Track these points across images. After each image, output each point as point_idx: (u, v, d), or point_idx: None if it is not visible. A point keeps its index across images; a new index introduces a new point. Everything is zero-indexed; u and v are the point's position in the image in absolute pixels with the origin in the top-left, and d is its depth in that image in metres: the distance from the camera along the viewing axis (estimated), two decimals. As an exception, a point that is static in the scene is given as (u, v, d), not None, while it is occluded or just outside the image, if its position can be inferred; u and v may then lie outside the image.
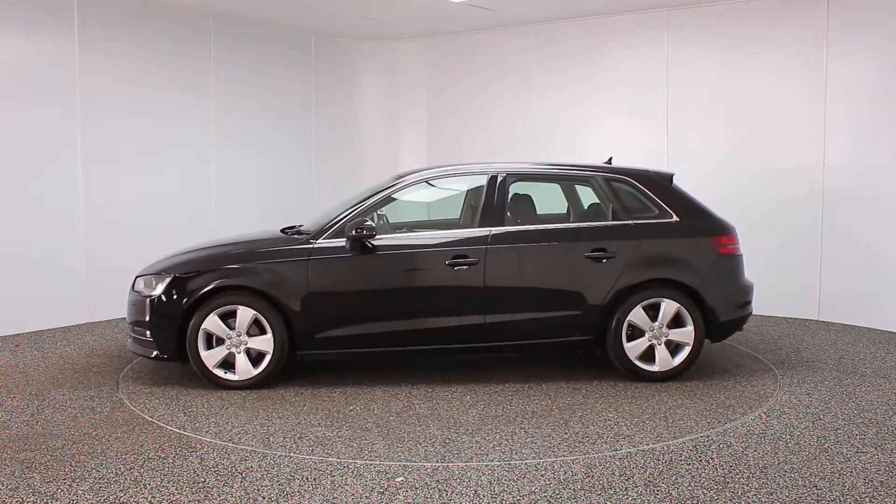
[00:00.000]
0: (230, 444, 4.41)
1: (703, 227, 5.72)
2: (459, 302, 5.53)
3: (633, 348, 5.57)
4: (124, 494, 3.74)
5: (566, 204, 6.31)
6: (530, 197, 6.10)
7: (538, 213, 6.12)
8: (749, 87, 8.00)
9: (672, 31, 8.41)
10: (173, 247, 6.88)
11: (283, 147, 9.63)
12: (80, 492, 3.77)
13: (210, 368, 5.44)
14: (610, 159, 6.28)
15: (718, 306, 5.62)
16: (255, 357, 5.47)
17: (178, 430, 4.65)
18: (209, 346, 5.45)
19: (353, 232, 5.40)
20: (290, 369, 5.85)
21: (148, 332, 5.51)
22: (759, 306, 5.99)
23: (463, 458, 4.21)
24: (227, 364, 5.48)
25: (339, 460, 4.18)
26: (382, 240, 5.55)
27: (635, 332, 5.59)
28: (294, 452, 4.29)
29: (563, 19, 9.01)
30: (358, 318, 5.49)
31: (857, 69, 7.44)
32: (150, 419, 4.85)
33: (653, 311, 5.57)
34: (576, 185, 6.22)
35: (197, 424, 4.76)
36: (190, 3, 8.22)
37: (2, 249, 7.14)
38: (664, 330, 5.57)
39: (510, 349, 5.74)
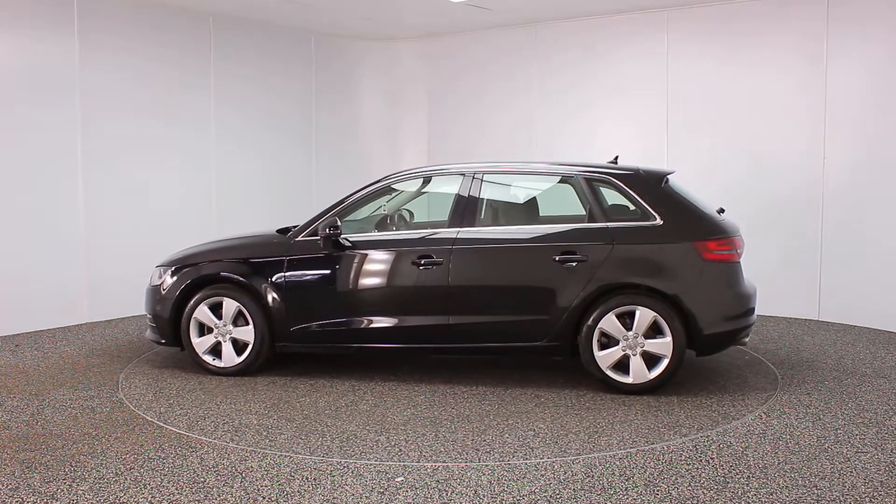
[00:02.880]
0: (230, 444, 4.41)
1: (687, 230, 5.33)
2: (425, 302, 5.54)
3: (605, 357, 5.28)
4: (124, 494, 3.74)
5: (557, 205, 6.17)
6: (527, 197, 5.99)
7: (529, 214, 5.96)
8: (749, 87, 8.00)
9: (672, 31, 8.41)
10: (173, 247, 6.91)
11: (284, 146, 9.63)
12: (80, 492, 3.77)
13: (200, 354, 5.85)
14: (616, 158, 6.13)
15: (702, 317, 5.22)
16: (242, 346, 5.80)
17: (178, 430, 4.65)
18: (201, 335, 5.85)
19: (327, 231, 5.62)
20: (295, 360, 6.02)
21: (155, 320, 6.00)
22: (759, 306, 5.85)
23: (346, 455, 4.26)
24: (216, 352, 5.86)
25: (339, 460, 4.18)
26: (356, 238, 5.71)
27: (611, 341, 5.31)
28: (216, 439, 4.32)
29: (563, 19, 9.01)
30: (328, 313, 5.67)
31: (856, 68, 7.44)
32: (150, 419, 4.86)
33: (629, 320, 5.26)
34: (557, 185, 6.01)
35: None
36: (190, 3, 8.22)
37: (2, 250, 7.14)
38: (640, 340, 5.24)
39: (476, 352, 5.61)
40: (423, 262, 5.50)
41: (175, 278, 5.89)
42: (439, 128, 10.21)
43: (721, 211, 5.75)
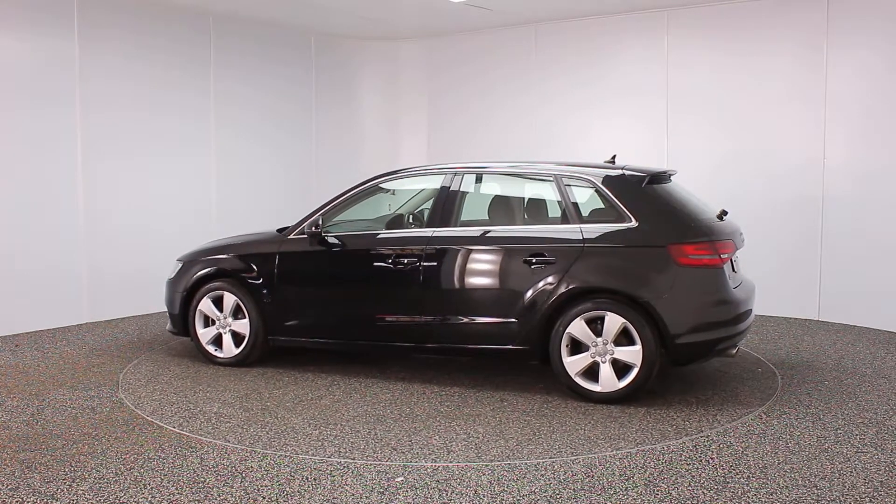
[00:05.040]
0: (230, 444, 4.42)
1: (661, 233, 5.07)
2: (400, 301, 5.60)
3: (573, 364, 5.11)
4: (124, 494, 3.74)
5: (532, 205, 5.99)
6: (504, 198, 5.86)
7: (514, 215, 5.83)
8: (749, 87, 8.00)
9: (672, 31, 8.41)
10: (173, 247, 6.93)
11: (284, 147, 9.63)
12: (80, 492, 3.77)
13: (204, 345, 6.18)
14: (613, 157, 5.99)
15: (675, 325, 4.94)
16: (241, 338, 6.07)
17: (178, 430, 4.65)
18: (206, 326, 6.20)
19: (312, 229, 5.85)
20: (297, 354, 6.22)
21: (170, 312, 6.41)
22: (759, 306, 5.83)
23: (269, 446, 4.40)
24: (220, 343, 6.17)
25: (339, 460, 4.18)
26: (342, 237, 5.85)
27: (582, 347, 5.13)
28: (185, 430, 4.34)
29: (563, 19, 9.01)
30: (312, 309, 5.91)
31: (856, 69, 7.44)
32: (150, 419, 4.86)
33: (601, 325, 5.05)
34: (538, 186, 5.87)
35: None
36: (190, 3, 8.21)
37: (2, 249, 7.13)
38: (609, 347, 5.03)
39: (449, 352, 5.62)
40: (400, 261, 5.55)
41: (184, 272, 6.25)
42: (439, 127, 10.21)
43: (723, 214, 5.57)
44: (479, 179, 5.88)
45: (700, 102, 8.28)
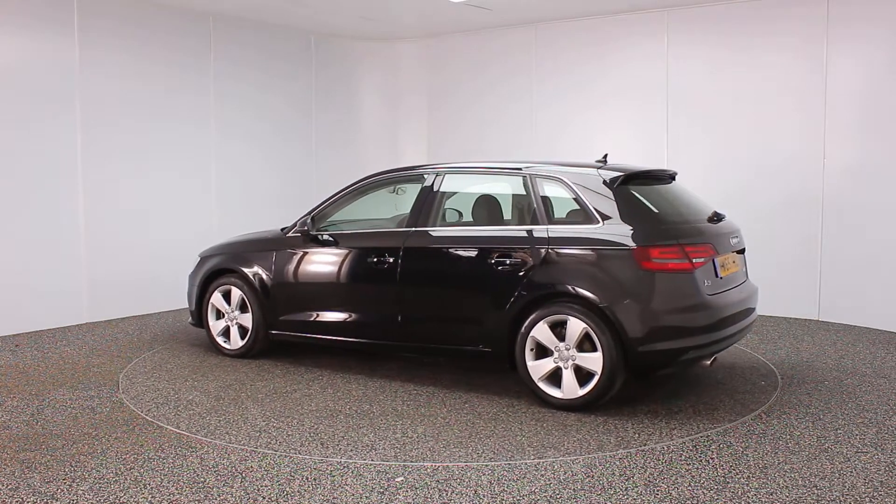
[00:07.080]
0: (230, 444, 4.42)
1: (626, 236, 4.82)
2: (379, 300, 5.68)
3: (536, 368, 4.98)
4: (124, 494, 3.74)
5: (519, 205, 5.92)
6: (480, 197, 5.76)
7: (498, 215, 5.74)
8: (749, 87, 8.00)
9: (672, 30, 8.41)
10: (173, 247, 6.93)
11: (284, 146, 9.63)
12: (80, 492, 3.77)
13: (215, 336, 6.48)
14: (605, 156, 5.80)
15: (635, 331, 4.71)
16: (247, 331, 6.31)
17: (178, 430, 4.65)
18: (217, 319, 6.49)
19: (304, 227, 6.05)
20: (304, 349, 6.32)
21: (188, 305, 6.77)
22: (759, 306, 5.81)
23: (211, 435, 4.57)
24: (228, 335, 6.46)
25: (339, 460, 4.18)
26: (335, 234, 5.97)
27: (547, 352, 4.98)
28: (150, 416, 4.36)
29: (563, 19, 9.01)
30: (302, 305, 6.04)
31: (857, 68, 7.44)
32: (150, 419, 4.86)
33: (565, 330, 4.89)
34: (515, 185, 5.71)
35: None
36: (190, 3, 8.21)
37: (2, 249, 7.13)
38: (572, 352, 4.86)
39: (422, 352, 5.64)
40: (380, 260, 5.61)
41: (200, 267, 6.59)
42: (439, 127, 10.21)
43: (716, 216, 5.43)
44: (456, 179, 5.82)
45: (700, 101, 8.28)
